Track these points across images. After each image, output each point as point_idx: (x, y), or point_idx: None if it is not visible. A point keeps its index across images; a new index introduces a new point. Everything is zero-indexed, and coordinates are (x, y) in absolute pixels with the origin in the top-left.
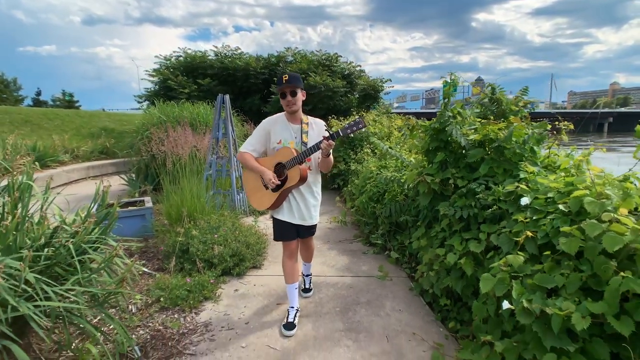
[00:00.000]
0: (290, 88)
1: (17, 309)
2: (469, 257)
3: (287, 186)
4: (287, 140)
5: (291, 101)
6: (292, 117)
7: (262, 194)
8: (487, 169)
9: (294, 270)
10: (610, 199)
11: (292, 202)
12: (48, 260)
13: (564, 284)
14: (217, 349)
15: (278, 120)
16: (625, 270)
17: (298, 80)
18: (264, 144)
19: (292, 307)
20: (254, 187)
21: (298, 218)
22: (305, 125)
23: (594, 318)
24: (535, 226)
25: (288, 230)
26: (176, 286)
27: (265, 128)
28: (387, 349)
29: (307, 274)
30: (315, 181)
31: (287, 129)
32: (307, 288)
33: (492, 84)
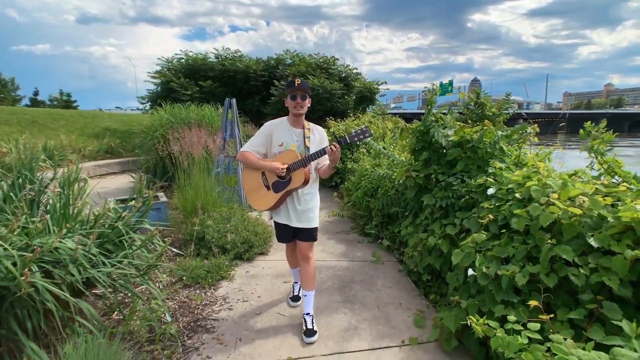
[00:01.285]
0: (301, 91)
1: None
2: (446, 239)
3: (291, 187)
4: (289, 143)
5: (300, 103)
6: (296, 122)
7: (262, 194)
8: (464, 165)
9: (294, 259)
10: (551, 188)
11: (289, 205)
12: (99, 239)
13: (514, 253)
14: (235, 316)
15: (281, 124)
16: (555, 240)
17: (308, 86)
18: (265, 146)
19: (296, 282)
20: (253, 187)
21: (295, 221)
22: (307, 130)
23: (532, 277)
24: (497, 211)
25: (286, 233)
26: (196, 267)
27: (267, 130)
28: (378, 315)
29: (307, 312)
30: (314, 184)
31: (290, 132)
32: (311, 329)
33: (477, 90)
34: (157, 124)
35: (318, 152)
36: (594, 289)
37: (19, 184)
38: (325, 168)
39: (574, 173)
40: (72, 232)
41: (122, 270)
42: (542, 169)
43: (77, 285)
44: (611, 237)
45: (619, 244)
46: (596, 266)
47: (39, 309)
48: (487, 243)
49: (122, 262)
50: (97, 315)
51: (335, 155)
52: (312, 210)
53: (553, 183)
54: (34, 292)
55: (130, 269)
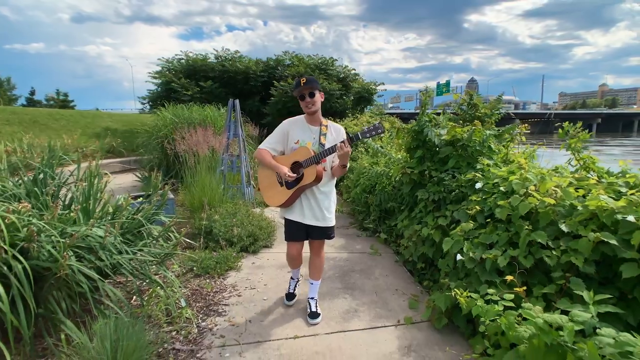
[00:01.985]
0: (307, 90)
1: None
2: (438, 230)
3: (302, 184)
4: (305, 141)
5: (309, 102)
6: (312, 119)
7: (276, 191)
8: (455, 162)
9: (297, 261)
10: (530, 182)
11: (303, 202)
12: (121, 229)
13: (497, 240)
14: (244, 301)
15: (298, 122)
16: (532, 227)
17: (315, 82)
18: (283, 143)
19: (292, 278)
20: (268, 184)
21: (309, 218)
22: (324, 127)
23: (513, 259)
24: (484, 203)
25: (298, 231)
26: (205, 258)
27: (284, 128)
28: (376, 299)
29: (312, 297)
30: (330, 183)
31: (306, 130)
32: (315, 312)
33: (471, 91)
34: (161, 124)
35: (329, 148)
36: (564, 267)
37: (40, 180)
38: (336, 166)
39: (555, 169)
40: (99, 222)
41: (144, 257)
42: (524, 165)
43: (105, 269)
44: (579, 223)
45: (585, 228)
46: (566, 248)
47: (75, 290)
48: (474, 231)
49: (142, 250)
50: (123, 297)
51: (344, 152)
52: (328, 208)
53: (532, 177)
54: (70, 275)
55: (150, 257)
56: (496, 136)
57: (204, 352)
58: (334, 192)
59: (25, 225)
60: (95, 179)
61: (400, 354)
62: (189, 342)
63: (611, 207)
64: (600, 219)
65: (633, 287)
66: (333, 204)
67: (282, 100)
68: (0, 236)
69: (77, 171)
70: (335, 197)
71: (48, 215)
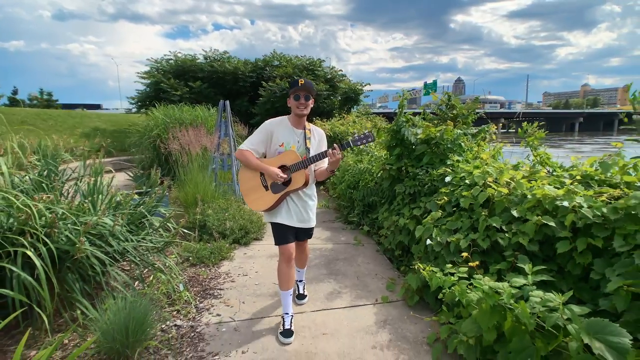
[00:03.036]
0: (305, 92)
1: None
2: (413, 219)
3: (291, 188)
4: (290, 143)
5: (304, 104)
6: (297, 122)
7: (260, 194)
8: (429, 159)
9: (289, 277)
10: (490, 175)
11: (290, 205)
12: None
13: (461, 226)
14: (237, 286)
15: (282, 123)
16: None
17: (313, 87)
18: (265, 145)
19: (286, 313)
20: (251, 187)
21: (296, 221)
22: (308, 131)
23: (474, 242)
24: (452, 194)
25: (287, 233)
26: (200, 249)
27: (268, 129)
28: (357, 282)
29: (300, 280)
30: (313, 185)
31: (291, 132)
32: (302, 294)
33: (449, 92)
34: (153, 124)
35: (320, 154)
36: (514, 247)
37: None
38: (322, 170)
39: (517, 164)
40: (109, 212)
41: (147, 244)
42: (487, 160)
43: (114, 254)
44: (527, 209)
45: (532, 213)
46: (516, 231)
47: (87, 273)
48: (442, 219)
49: (144, 239)
50: (129, 280)
51: (336, 158)
52: (312, 210)
53: (492, 171)
54: (84, 258)
55: (152, 244)
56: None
57: (203, 327)
58: (315, 194)
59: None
60: (100, 175)
61: (377, 326)
62: (188, 319)
63: (553, 195)
64: (544, 205)
65: (567, 261)
66: (315, 205)
67: (271, 101)
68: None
69: (83, 168)
70: (316, 198)
71: (65, 205)
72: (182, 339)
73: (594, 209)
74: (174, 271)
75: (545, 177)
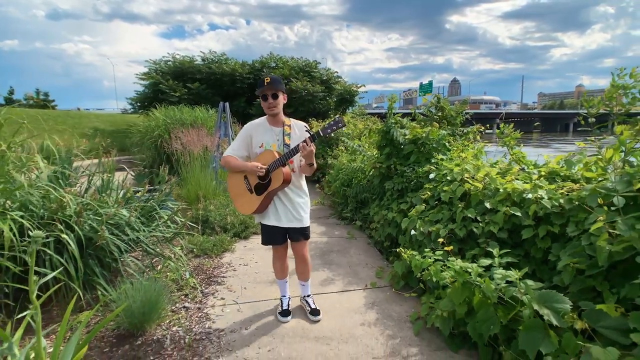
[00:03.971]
0: (271, 90)
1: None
2: (400, 213)
3: (272, 188)
4: (269, 143)
5: (272, 103)
6: (274, 120)
7: (246, 199)
8: (415, 157)
9: (283, 269)
10: (468, 172)
11: (277, 205)
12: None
13: (442, 217)
14: (239, 274)
15: (260, 124)
16: (465, 205)
17: (279, 83)
18: (247, 148)
19: (283, 296)
20: (238, 192)
21: (286, 221)
22: (287, 127)
23: (452, 231)
24: (435, 190)
25: (276, 235)
26: (204, 242)
27: (247, 132)
28: (349, 271)
29: (307, 295)
30: (300, 182)
31: (269, 132)
32: (315, 309)
33: (438, 95)
34: (154, 125)
35: (292, 149)
36: (487, 235)
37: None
38: (303, 165)
39: (496, 162)
40: (126, 205)
41: (157, 234)
42: (467, 158)
43: (130, 243)
44: (499, 202)
45: (502, 205)
46: (489, 221)
47: (107, 259)
48: (426, 212)
49: (155, 229)
50: (142, 266)
51: (307, 151)
52: (302, 209)
53: (470, 168)
54: (104, 245)
55: (162, 234)
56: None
57: (209, 309)
58: (306, 190)
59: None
60: (112, 172)
61: (365, 307)
62: (195, 302)
63: (520, 189)
64: (513, 198)
65: (531, 246)
66: (307, 202)
67: None
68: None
69: (99, 165)
70: (307, 191)
71: (89, 198)
72: (191, 318)
73: (553, 200)
74: (182, 260)
75: (517, 173)
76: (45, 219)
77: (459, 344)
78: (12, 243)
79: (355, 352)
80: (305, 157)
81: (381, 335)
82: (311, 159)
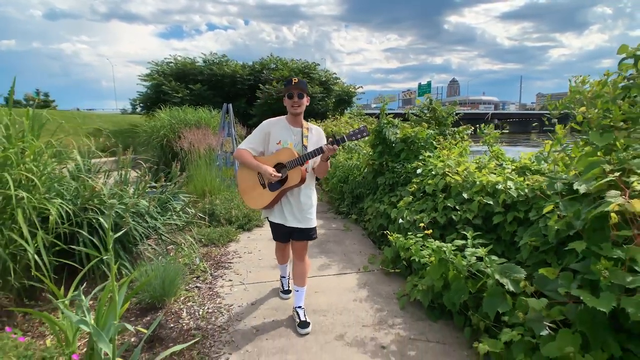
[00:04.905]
0: (298, 90)
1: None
2: (391, 205)
3: (287, 186)
4: (287, 141)
5: (297, 102)
6: (294, 120)
7: (258, 193)
8: (405, 155)
9: (284, 256)
10: (449, 167)
11: (284, 205)
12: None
13: (426, 207)
14: (244, 260)
15: (279, 122)
16: (446, 196)
17: (305, 85)
18: (263, 144)
19: (283, 277)
20: (249, 186)
21: (291, 220)
22: (305, 129)
23: (434, 219)
24: (421, 183)
25: (280, 232)
26: (211, 232)
27: (265, 129)
28: (344, 258)
29: (298, 306)
30: (311, 184)
31: (288, 131)
32: (304, 321)
33: (430, 96)
34: (159, 125)
35: (315, 150)
36: (464, 222)
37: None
38: (319, 164)
39: (478, 159)
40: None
41: (172, 222)
42: (450, 155)
43: (149, 229)
44: (475, 192)
45: (477, 195)
46: (466, 209)
47: (130, 243)
48: (413, 203)
49: (169, 218)
50: (159, 250)
51: (327, 154)
52: (309, 210)
53: (452, 163)
54: (129, 230)
55: (176, 223)
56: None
57: (218, 288)
58: (314, 193)
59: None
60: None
61: (358, 287)
62: (206, 283)
63: (493, 181)
64: (487, 189)
65: (501, 230)
66: (314, 205)
67: (268, 102)
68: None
69: (118, 162)
70: (315, 197)
71: (115, 188)
72: (203, 296)
73: (519, 190)
74: (193, 247)
75: (494, 168)
76: (78, 206)
77: (438, 315)
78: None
79: (348, 321)
80: (324, 158)
81: (371, 308)
82: (327, 158)
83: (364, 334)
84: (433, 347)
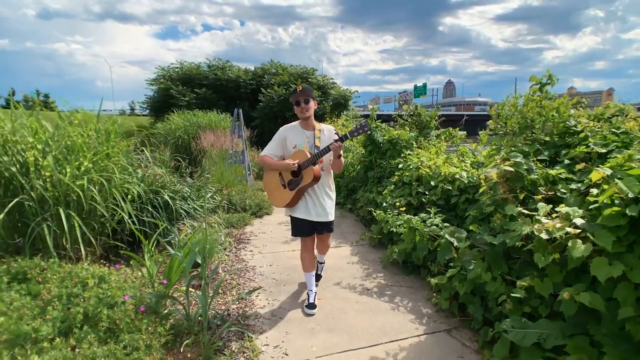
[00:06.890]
0: (303, 96)
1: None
2: (378, 194)
3: (303, 185)
4: (302, 144)
5: (304, 107)
6: (306, 124)
7: (280, 192)
8: (390, 153)
9: (311, 262)
10: (422, 162)
11: (307, 201)
12: None
13: (404, 193)
14: (260, 238)
15: (294, 128)
16: (419, 185)
17: (310, 91)
18: (282, 149)
19: (311, 290)
20: (273, 187)
21: (315, 215)
22: (317, 131)
23: (409, 202)
24: (402, 176)
25: (304, 227)
26: (231, 217)
27: (282, 135)
28: (340, 236)
29: (320, 262)
30: (328, 181)
31: (301, 134)
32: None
33: (416, 104)
34: (174, 127)
35: (323, 150)
36: (432, 203)
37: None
38: (332, 160)
39: (448, 156)
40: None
41: (205, 205)
42: (426, 154)
43: (188, 209)
44: (439, 181)
45: (441, 183)
46: (433, 193)
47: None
48: (394, 191)
49: (204, 202)
50: (197, 226)
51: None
52: (330, 205)
53: (425, 159)
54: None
55: (207, 205)
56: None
57: (243, 256)
58: (333, 189)
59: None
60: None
61: (351, 255)
62: (232, 253)
63: (453, 171)
64: (448, 178)
65: (457, 208)
66: (334, 198)
67: (269, 106)
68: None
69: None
70: (334, 191)
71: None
72: (231, 260)
73: (469, 178)
74: (220, 227)
75: (457, 162)
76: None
77: (410, 271)
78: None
79: (343, 275)
80: (334, 153)
81: (360, 268)
82: (339, 151)
83: (355, 282)
84: (404, 290)
